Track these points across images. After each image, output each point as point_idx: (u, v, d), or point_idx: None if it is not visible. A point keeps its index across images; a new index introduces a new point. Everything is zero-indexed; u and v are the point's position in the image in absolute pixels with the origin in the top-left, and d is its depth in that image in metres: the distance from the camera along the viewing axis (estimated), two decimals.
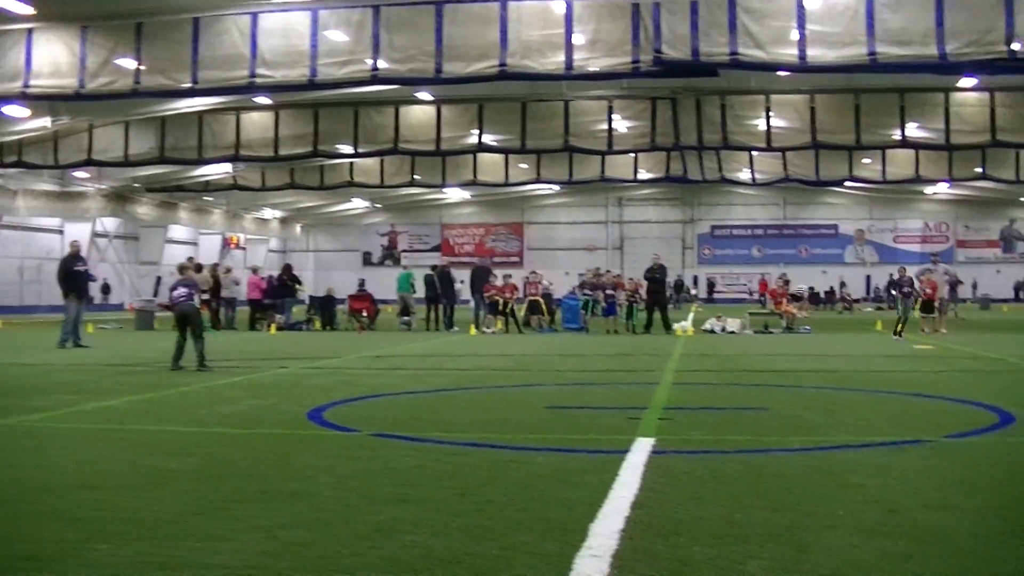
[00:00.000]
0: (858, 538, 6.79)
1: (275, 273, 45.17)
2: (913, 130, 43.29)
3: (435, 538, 6.79)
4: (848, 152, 50.46)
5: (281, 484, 8.71)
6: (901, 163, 53.02)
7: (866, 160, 54.46)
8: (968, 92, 41.57)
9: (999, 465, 9.62)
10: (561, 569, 6.03)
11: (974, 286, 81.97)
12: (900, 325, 32.32)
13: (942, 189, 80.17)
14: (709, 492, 8.28)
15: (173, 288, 21.17)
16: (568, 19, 28.53)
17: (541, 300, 39.40)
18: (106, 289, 71.40)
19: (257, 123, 44.75)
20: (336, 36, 29.96)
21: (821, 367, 21.71)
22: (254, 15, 29.74)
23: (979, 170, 54.06)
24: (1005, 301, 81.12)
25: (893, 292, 33.49)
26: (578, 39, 28.71)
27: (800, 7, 27.58)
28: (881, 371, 20.96)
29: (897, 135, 43.29)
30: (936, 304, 35.44)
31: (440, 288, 40.08)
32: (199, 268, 33.99)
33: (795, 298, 47.13)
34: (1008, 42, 27.17)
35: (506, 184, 60.10)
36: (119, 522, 7.31)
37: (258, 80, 30.09)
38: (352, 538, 6.82)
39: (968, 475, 9.09)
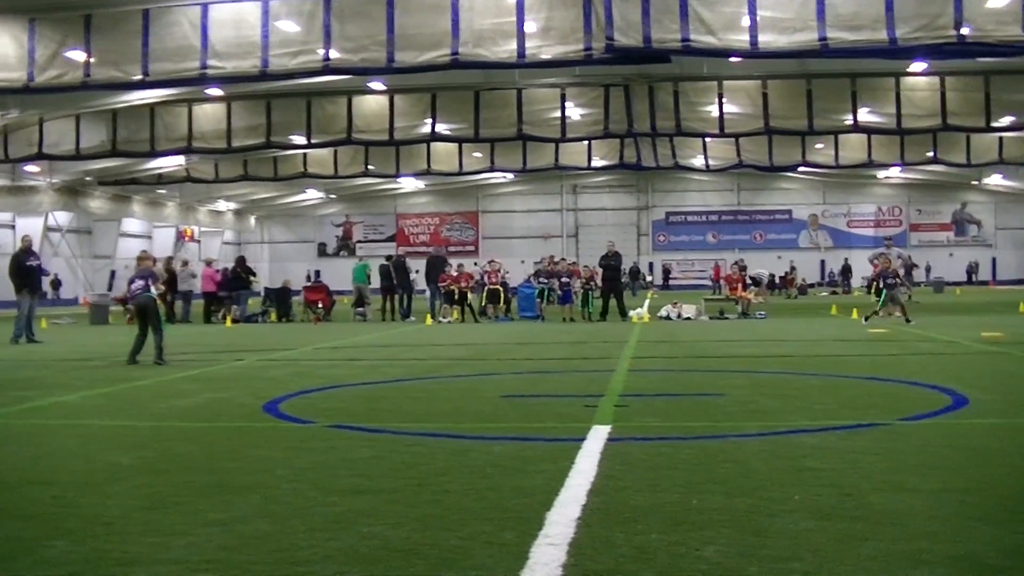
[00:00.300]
0: (814, 522, 6.82)
1: (230, 265, 44.95)
2: (865, 115, 43.59)
3: (392, 529, 6.78)
4: (801, 137, 50.75)
5: (237, 477, 8.66)
6: (853, 148, 53.39)
7: (819, 145, 54.75)
8: (919, 76, 41.87)
9: (954, 447, 9.67)
10: (519, 558, 6.02)
11: (927, 269, 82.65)
12: (901, 309, 32.34)
13: (894, 173, 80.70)
14: (666, 478, 8.29)
15: (131, 281, 21.03)
16: (520, 7, 28.53)
17: (501, 289, 39.43)
18: (56, 284, 70.97)
19: (209, 115, 44.49)
20: (287, 26, 29.85)
21: (777, 352, 21.80)
22: (204, 6, 29.60)
23: (930, 154, 54.51)
24: (958, 284, 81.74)
25: (878, 283, 33.60)
26: (530, 27, 28.72)
27: None
28: (836, 355, 21.08)
29: (849, 120, 43.60)
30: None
31: (396, 278, 40.07)
32: (153, 262, 33.76)
33: (755, 283, 47.28)
34: (957, 26, 27.43)
35: (460, 173, 60.08)
36: (74, 518, 7.25)
37: (209, 72, 29.96)
38: (309, 530, 6.79)
39: (923, 458, 9.14)
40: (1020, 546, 6.26)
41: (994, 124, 43.80)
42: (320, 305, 40.50)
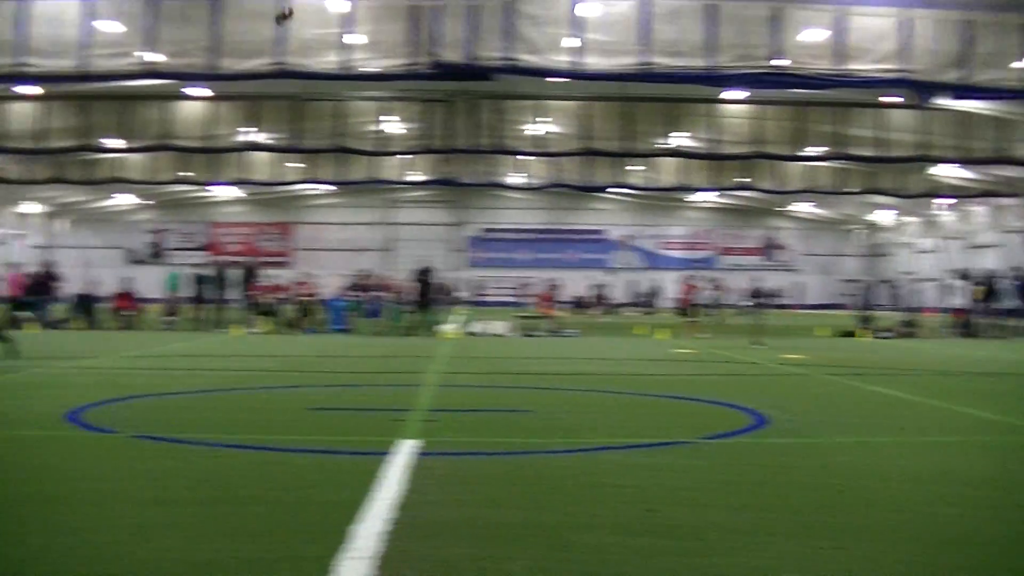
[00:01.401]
0: (618, 537, 6.92)
1: (36, 270, 43.86)
2: (681, 139, 44.38)
3: (195, 541, 6.70)
4: (618, 159, 51.37)
5: (36, 488, 8.47)
6: (668, 171, 54.31)
7: (635, 167, 55.50)
8: (735, 104, 42.81)
9: (753, 465, 9.91)
10: (324, 572, 6.01)
11: (738, 293, 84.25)
12: (757, 333, 32.54)
13: (707, 197, 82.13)
14: (472, 493, 8.34)
15: None
16: (346, 19, 28.39)
17: (313, 300, 39.16)
18: None
19: (20, 113, 43.32)
20: (108, 27, 29.17)
21: (585, 370, 22.01)
22: (22, 1, 28.83)
23: (743, 180, 55.81)
24: (765, 307, 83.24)
25: (750, 300, 34.36)
26: (356, 39, 28.59)
27: (577, 15, 28.02)
28: (643, 374, 21.37)
29: (666, 144, 44.34)
30: (696, 309, 36.53)
31: (212, 287, 39.55)
32: None
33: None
34: (773, 57, 28.22)
35: (278, 183, 59.56)
36: None
37: (25, 69, 29.15)
38: (110, 542, 6.68)
39: (724, 475, 9.35)
40: (813, 559, 6.45)
41: (804, 153, 45.17)
42: (128, 312, 39.78)
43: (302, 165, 56.06)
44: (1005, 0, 29.25)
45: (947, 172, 56.01)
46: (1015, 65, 29.61)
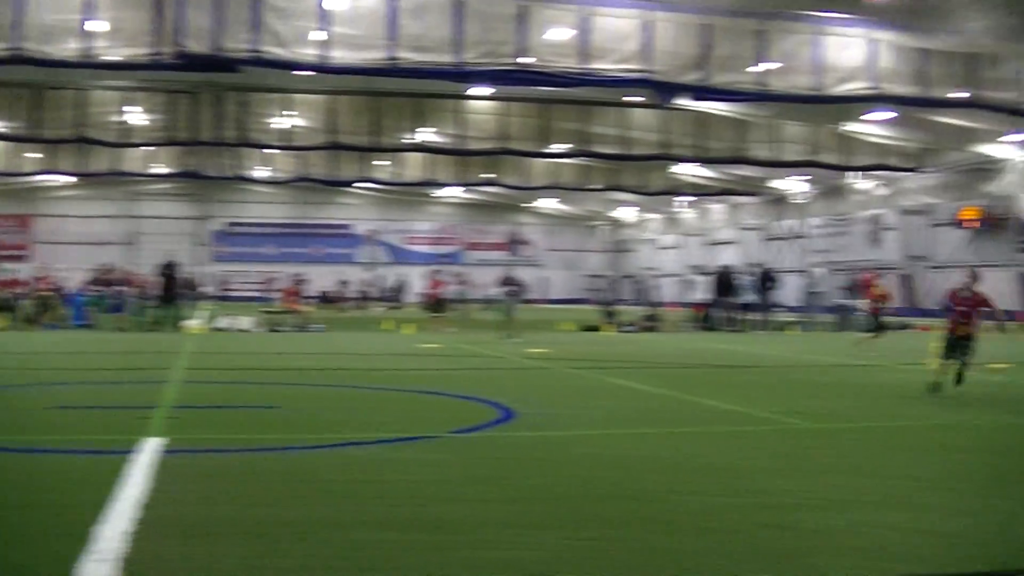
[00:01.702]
0: (364, 532, 6.95)
1: None
2: (428, 134, 44.70)
3: None
4: (364, 153, 51.45)
5: None
6: (415, 166, 54.64)
7: (381, 162, 55.63)
8: (481, 100, 43.31)
9: (501, 458, 10.06)
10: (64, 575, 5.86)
11: (484, 288, 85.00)
12: (510, 327, 32.58)
13: (453, 193, 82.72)
14: (219, 491, 8.25)
15: None
16: (88, 4, 27.72)
17: (52, 295, 38.13)
18: None
19: None
20: None
21: (333, 365, 21.98)
22: None
23: (488, 175, 56.53)
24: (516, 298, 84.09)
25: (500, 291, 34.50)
26: (98, 26, 27.95)
27: (325, 8, 27.97)
28: (391, 369, 21.44)
29: (412, 139, 44.62)
30: (442, 304, 36.81)
31: None
32: None
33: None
34: (519, 55, 28.66)
35: (15, 174, 57.79)
36: None
37: None
38: None
39: (473, 469, 9.46)
40: (567, 550, 6.59)
41: (549, 150, 46.00)
42: None
43: (41, 155, 54.42)
44: (741, 6, 30.33)
45: (687, 170, 57.77)
46: (751, 69, 30.76)
